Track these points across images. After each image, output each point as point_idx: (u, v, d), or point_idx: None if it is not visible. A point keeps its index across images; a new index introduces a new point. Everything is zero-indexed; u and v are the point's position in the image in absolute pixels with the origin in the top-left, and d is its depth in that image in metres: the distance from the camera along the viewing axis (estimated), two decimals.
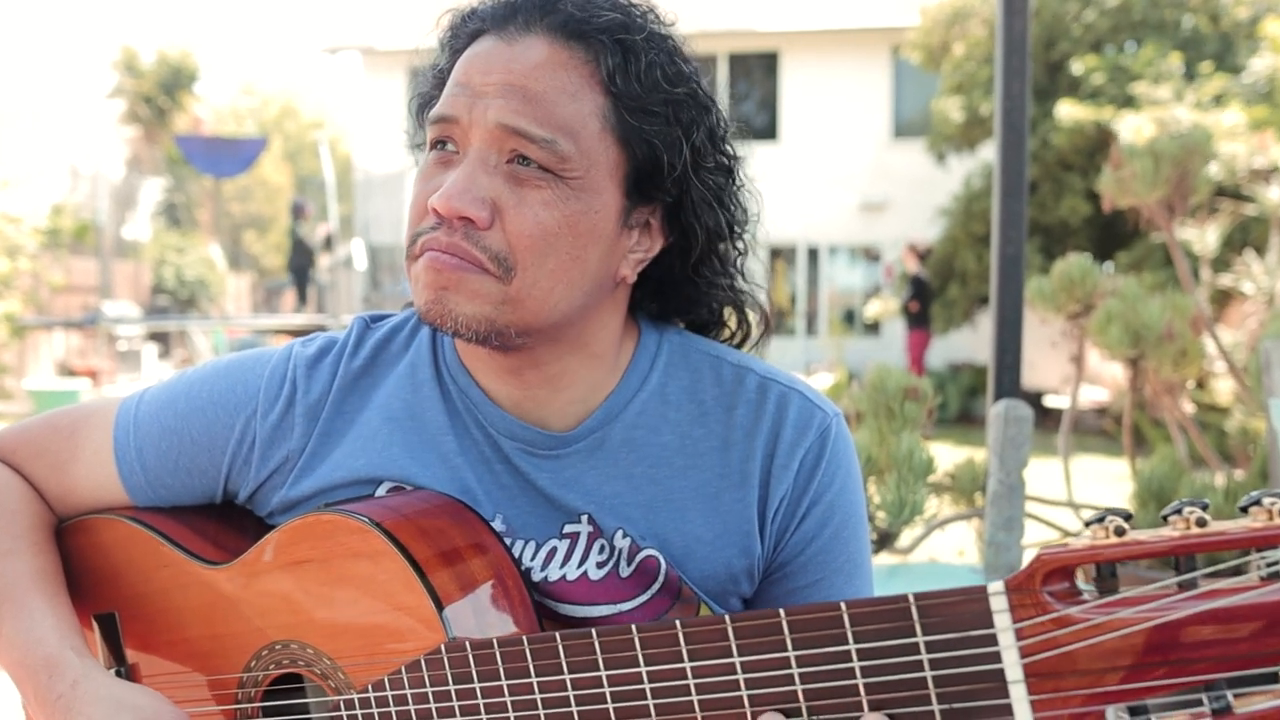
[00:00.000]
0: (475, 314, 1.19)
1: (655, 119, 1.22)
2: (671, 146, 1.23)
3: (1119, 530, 0.83)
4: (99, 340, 16.43)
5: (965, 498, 3.73)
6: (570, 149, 1.18)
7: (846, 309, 21.33)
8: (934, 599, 0.90)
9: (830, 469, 1.33)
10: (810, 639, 0.96)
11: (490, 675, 1.10)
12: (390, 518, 1.21)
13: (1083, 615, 0.84)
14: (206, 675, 1.34)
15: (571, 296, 1.23)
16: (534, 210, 1.18)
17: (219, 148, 18.99)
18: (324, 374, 1.38)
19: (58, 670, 1.24)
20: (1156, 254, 12.58)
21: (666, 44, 1.26)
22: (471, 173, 1.18)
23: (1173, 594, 0.81)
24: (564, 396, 1.32)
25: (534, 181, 1.18)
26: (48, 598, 1.32)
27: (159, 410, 1.40)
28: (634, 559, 1.29)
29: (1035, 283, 4.10)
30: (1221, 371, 4.33)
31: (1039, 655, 0.86)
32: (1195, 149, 3.95)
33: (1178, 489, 3.39)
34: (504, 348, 1.24)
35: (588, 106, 1.20)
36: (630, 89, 1.21)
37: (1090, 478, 8.22)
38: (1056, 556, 0.85)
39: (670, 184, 1.25)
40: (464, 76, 1.21)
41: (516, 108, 1.17)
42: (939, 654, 0.90)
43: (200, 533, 1.40)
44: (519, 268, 1.18)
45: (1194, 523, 0.81)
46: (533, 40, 1.20)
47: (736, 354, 1.40)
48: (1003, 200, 3.29)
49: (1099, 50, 14.32)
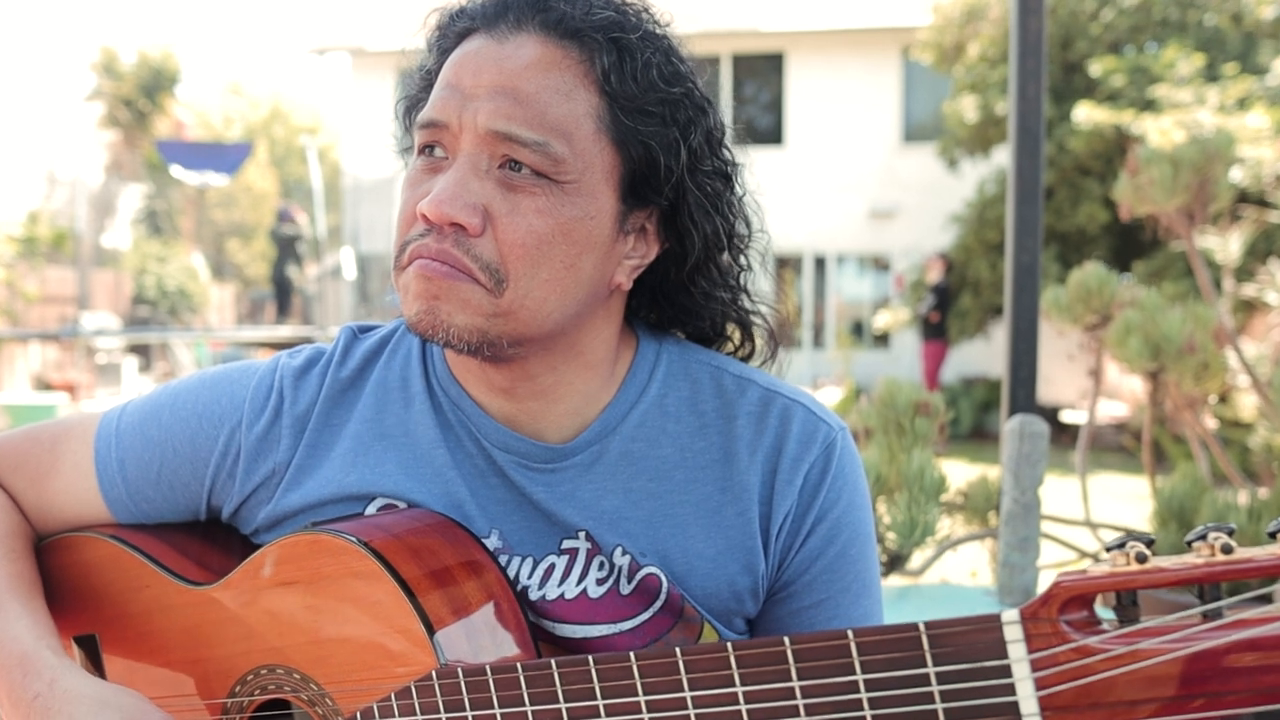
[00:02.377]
0: (466, 324, 1.19)
1: (651, 120, 1.23)
2: (668, 148, 1.24)
3: (1140, 557, 0.83)
4: (77, 353, 16.40)
5: (979, 517, 3.72)
6: (564, 151, 1.18)
7: (855, 320, 21.32)
8: (945, 628, 0.90)
9: (836, 485, 1.33)
10: (816, 669, 0.95)
11: (483, 703, 1.10)
12: (380, 537, 1.21)
13: (1102, 645, 0.83)
14: (189, 701, 1.34)
15: (565, 306, 1.23)
16: (527, 218, 1.18)
17: (202, 153, 19.00)
18: (311, 385, 1.38)
19: (34, 669, 1.24)
20: (1177, 263, 12.58)
21: (662, 43, 1.26)
22: (462, 177, 1.18)
23: (1197, 624, 0.81)
24: (559, 409, 1.32)
25: (527, 188, 1.18)
26: (23, 601, 1.33)
27: (142, 422, 1.41)
28: (634, 576, 1.29)
29: (1051, 293, 4.11)
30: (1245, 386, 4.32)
31: (1056, 687, 0.85)
32: (1216, 154, 3.96)
33: (1199, 508, 3.38)
34: (496, 359, 1.25)
35: (582, 107, 1.20)
36: (625, 89, 1.21)
37: (1108, 496, 8.22)
38: (1075, 584, 0.84)
39: (667, 187, 1.25)
40: (453, 78, 1.21)
41: (507, 111, 1.17)
42: (951, 685, 0.90)
43: (184, 552, 1.40)
44: (511, 278, 1.18)
45: (1219, 549, 0.80)
46: (524, 39, 1.21)
47: (738, 365, 1.40)
48: (1017, 207, 3.30)
49: (1118, 51, 14.34)
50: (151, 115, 37.44)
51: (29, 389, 15.99)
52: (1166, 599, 0.89)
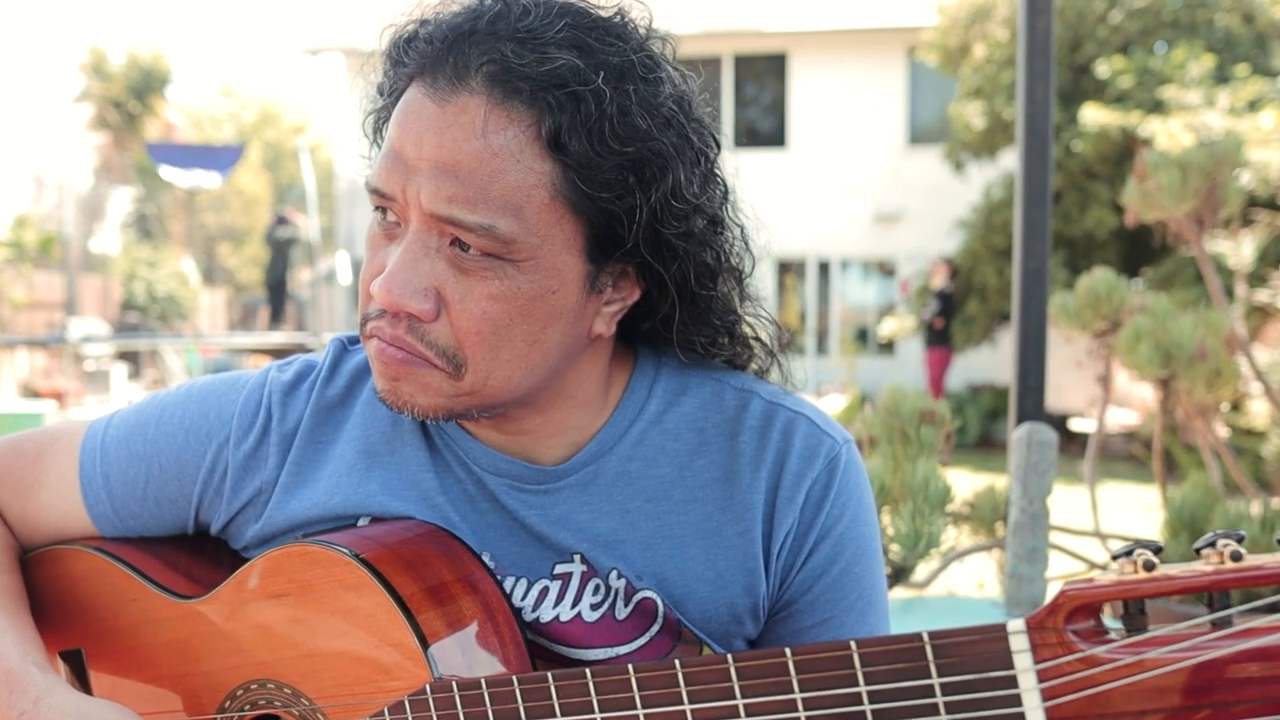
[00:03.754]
0: (430, 404, 1.19)
1: (611, 185, 1.14)
2: (630, 211, 1.16)
3: (1148, 565, 0.83)
4: (65, 360, 16.41)
5: (985, 527, 3.72)
6: (513, 229, 1.11)
7: (859, 327, 21.33)
8: (950, 638, 0.90)
9: (839, 500, 1.31)
10: (818, 680, 0.95)
11: (478, 717, 1.09)
12: (372, 549, 1.21)
13: (1110, 655, 0.83)
14: (177, 717, 1.34)
15: (534, 375, 1.21)
16: (480, 304, 1.14)
17: (193, 155, 19.01)
18: (299, 402, 1.38)
19: (19, 686, 1.24)
20: (1188, 268, 12.58)
21: (626, 86, 1.14)
22: (412, 259, 1.14)
23: (1205, 633, 0.81)
24: (550, 440, 1.31)
25: (478, 271, 1.14)
26: (9, 615, 1.32)
27: (128, 436, 1.40)
28: (631, 600, 1.28)
29: (1060, 299, 4.11)
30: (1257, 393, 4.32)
31: (1063, 698, 0.85)
32: (1225, 159, 3.95)
33: (1211, 518, 3.38)
34: (474, 420, 1.25)
35: (532, 177, 1.12)
36: (580, 151, 1.12)
37: (1118, 506, 8.21)
38: (1081, 592, 0.84)
39: (640, 242, 1.18)
40: (397, 144, 1.15)
41: (449, 193, 1.11)
42: (955, 696, 0.90)
43: (171, 565, 1.40)
44: (469, 363, 1.17)
45: (1229, 557, 0.80)
46: (466, 101, 1.11)
47: (740, 377, 1.38)
48: (1025, 211, 3.30)
49: (1127, 52, 14.35)
50: (141, 117, 37.43)
51: (16, 397, 15.97)
52: (1176, 609, 0.89)
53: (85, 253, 24.36)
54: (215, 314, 28.17)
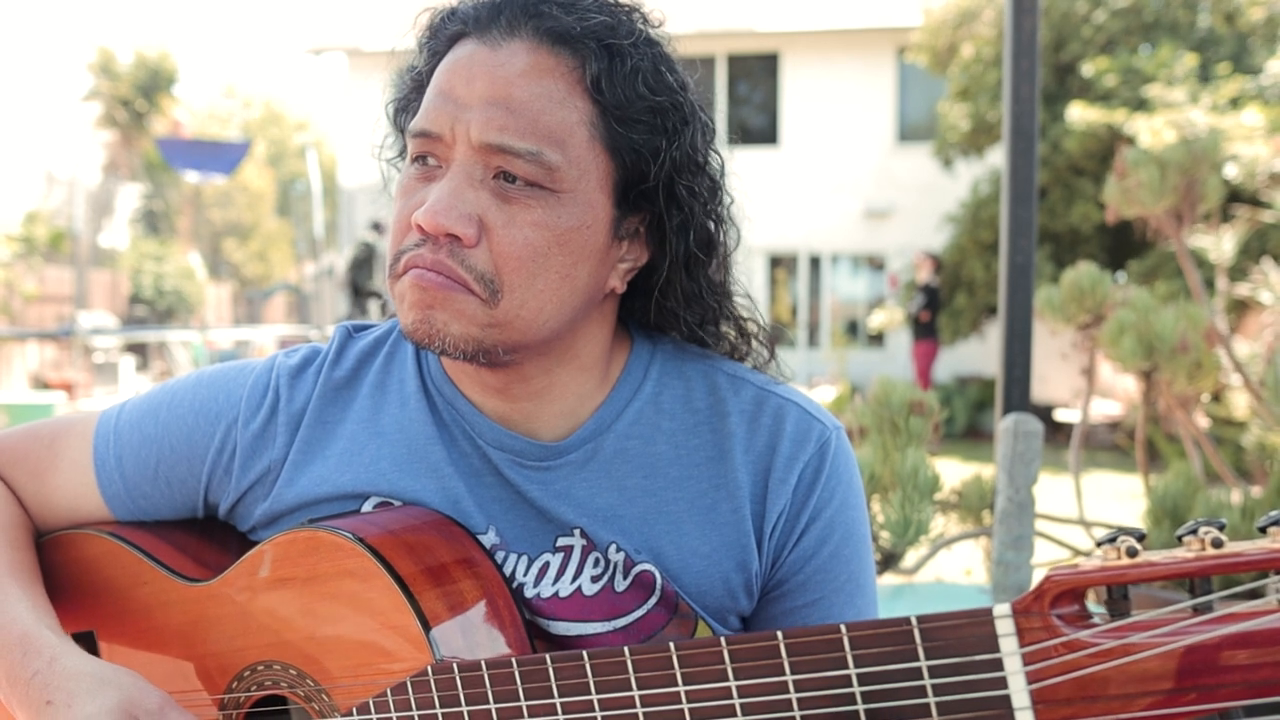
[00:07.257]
0: (462, 334, 1.19)
1: (641, 127, 1.23)
2: (656, 155, 1.23)
3: (1131, 551, 0.83)
4: (74, 352, 16.37)
5: (973, 516, 3.72)
6: (558, 159, 1.17)
7: (849, 320, 21.32)
8: (937, 622, 0.90)
9: (830, 484, 1.33)
10: (809, 662, 0.95)
11: (478, 698, 1.10)
12: (376, 534, 1.21)
13: (1094, 639, 0.84)
14: (186, 697, 1.34)
15: (561, 313, 1.23)
16: (523, 231, 1.18)
17: (202, 150, 18.99)
18: (306, 383, 1.39)
19: (33, 648, 1.25)
20: (1170, 262, 12.58)
21: (653, 48, 1.26)
22: (457, 187, 1.17)
23: (1188, 618, 0.81)
24: (553, 409, 1.32)
25: (522, 200, 1.18)
26: (23, 585, 1.33)
27: (140, 419, 1.42)
28: (629, 572, 1.30)
29: (1045, 293, 4.10)
30: (1238, 384, 4.32)
31: (1047, 681, 0.85)
32: (1203, 156, 3.95)
33: (1193, 506, 3.38)
34: (491, 364, 1.25)
35: (575, 115, 1.19)
36: (616, 96, 1.21)
37: (1102, 494, 8.23)
38: (1066, 578, 0.84)
39: (657, 193, 1.25)
40: (446, 85, 1.21)
41: (501, 122, 1.16)
42: (942, 679, 0.90)
43: (181, 549, 1.41)
44: (505, 290, 1.19)
45: (1210, 543, 0.81)
46: (517, 45, 1.20)
47: (733, 364, 1.40)
48: (1011, 207, 3.30)
49: (1110, 52, 14.35)
50: (148, 115, 37.39)
51: (27, 388, 15.98)
52: (1159, 595, 0.89)
53: (94, 247, 24.35)
54: (221, 307, 28.16)
